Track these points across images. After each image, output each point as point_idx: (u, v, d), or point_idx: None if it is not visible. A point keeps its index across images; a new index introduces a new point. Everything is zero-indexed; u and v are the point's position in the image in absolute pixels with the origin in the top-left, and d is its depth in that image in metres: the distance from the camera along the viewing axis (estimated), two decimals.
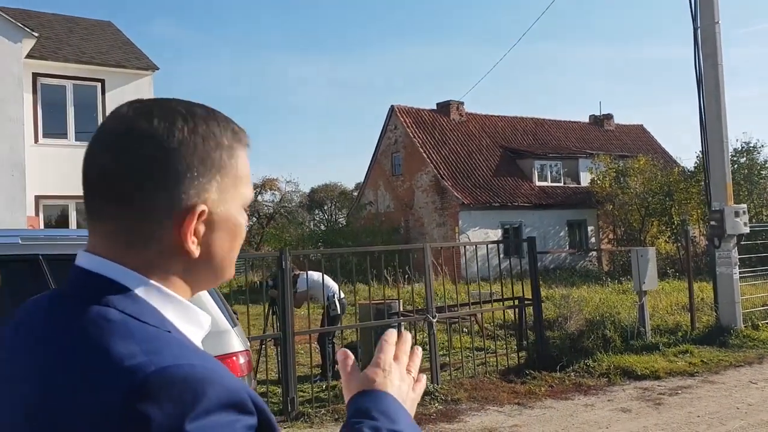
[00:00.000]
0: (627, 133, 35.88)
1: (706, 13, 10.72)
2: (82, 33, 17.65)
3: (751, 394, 7.35)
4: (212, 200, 0.87)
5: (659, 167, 27.09)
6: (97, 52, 16.66)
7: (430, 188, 27.83)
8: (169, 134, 0.84)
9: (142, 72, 16.68)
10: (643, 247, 11.00)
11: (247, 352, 4.06)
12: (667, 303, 12.96)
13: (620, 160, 28.89)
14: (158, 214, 0.84)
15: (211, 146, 0.87)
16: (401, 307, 9.31)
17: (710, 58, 10.68)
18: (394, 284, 11.27)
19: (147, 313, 0.82)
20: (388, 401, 0.97)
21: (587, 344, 9.16)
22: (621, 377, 8.18)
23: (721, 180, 10.59)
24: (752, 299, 11.50)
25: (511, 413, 6.94)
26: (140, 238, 0.85)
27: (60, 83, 15.75)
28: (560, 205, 28.45)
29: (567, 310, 10.37)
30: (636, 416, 6.68)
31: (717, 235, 10.53)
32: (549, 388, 7.82)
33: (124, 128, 0.85)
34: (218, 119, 0.91)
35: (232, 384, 0.76)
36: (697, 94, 10.80)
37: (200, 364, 0.75)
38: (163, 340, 0.78)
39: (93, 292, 0.83)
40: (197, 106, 0.91)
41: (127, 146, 0.84)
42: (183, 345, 0.79)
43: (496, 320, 10.58)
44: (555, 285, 17.30)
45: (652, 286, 10.28)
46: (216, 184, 0.87)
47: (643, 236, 25.60)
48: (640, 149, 32.43)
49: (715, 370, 8.50)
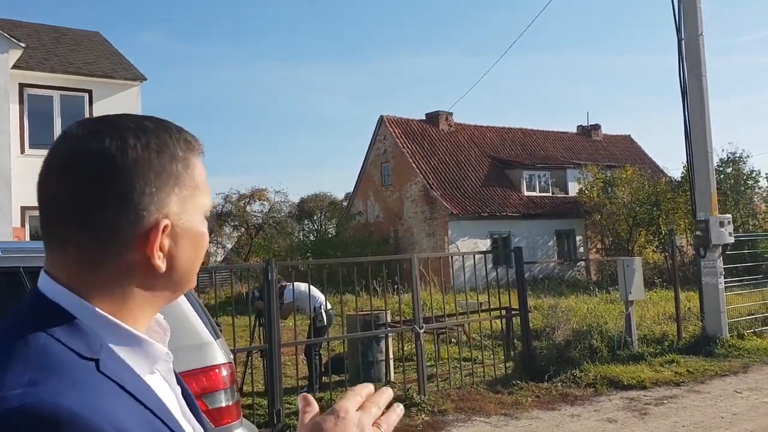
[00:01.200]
0: (615, 143, 36.14)
1: (690, 25, 10.84)
2: (69, 43, 17.62)
3: (736, 403, 7.38)
4: (173, 213, 0.87)
5: (647, 177, 27.29)
6: (84, 63, 16.63)
7: (420, 198, 27.89)
8: (122, 152, 0.84)
9: (130, 83, 16.66)
10: (629, 257, 11.06)
11: (230, 364, 4.04)
12: (654, 313, 13.02)
13: (608, 170, 29.08)
14: (118, 234, 0.83)
15: (165, 159, 0.87)
16: (389, 318, 9.30)
17: (694, 69, 10.80)
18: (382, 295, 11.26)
19: (78, 339, 0.80)
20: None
21: (574, 354, 9.18)
22: (607, 387, 8.20)
23: (706, 190, 10.68)
24: (738, 308, 11.57)
25: (497, 424, 6.93)
26: (99, 258, 0.84)
27: (47, 93, 15.70)
28: (548, 215, 28.57)
29: (554, 320, 10.39)
30: (622, 426, 6.70)
31: (702, 244, 10.61)
32: (536, 398, 7.82)
33: (75, 149, 0.85)
34: (170, 130, 0.90)
35: (101, 429, 0.72)
36: (682, 106, 10.91)
37: (67, 405, 0.71)
38: (62, 372, 0.75)
39: (34, 315, 0.82)
40: (147, 120, 0.90)
41: (81, 167, 0.83)
42: (80, 381, 0.75)
43: (484, 330, 10.57)
44: (543, 295, 17.32)
45: (639, 296, 10.32)
46: (175, 196, 0.87)
47: (631, 246, 25.74)
48: (628, 159, 32.66)
49: (700, 379, 8.53)
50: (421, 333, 8.06)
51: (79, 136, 0.86)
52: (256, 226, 35.35)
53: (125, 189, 0.83)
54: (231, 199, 34.72)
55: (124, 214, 0.83)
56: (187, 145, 0.91)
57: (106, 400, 0.75)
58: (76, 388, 0.74)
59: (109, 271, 0.85)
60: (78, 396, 0.73)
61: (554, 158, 32.11)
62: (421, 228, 27.72)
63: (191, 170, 0.90)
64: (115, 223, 0.83)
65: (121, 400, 0.78)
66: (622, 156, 34.29)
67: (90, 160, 0.83)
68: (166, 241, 0.86)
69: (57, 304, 0.83)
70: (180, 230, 0.88)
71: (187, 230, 0.89)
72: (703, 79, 10.76)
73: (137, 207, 0.84)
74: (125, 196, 0.83)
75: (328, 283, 9.15)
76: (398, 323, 9.09)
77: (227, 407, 3.77)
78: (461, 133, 31.22)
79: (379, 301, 12.51)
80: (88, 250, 0.84)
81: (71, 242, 0.84)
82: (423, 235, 27.52)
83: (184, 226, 0.89)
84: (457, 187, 28.16)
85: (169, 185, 0.87)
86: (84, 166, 0.83)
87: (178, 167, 0.89)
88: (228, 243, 37.34)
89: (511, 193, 29.11)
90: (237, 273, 18.70)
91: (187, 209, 0.89)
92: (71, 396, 0.73)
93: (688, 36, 10.84)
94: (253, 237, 35.06)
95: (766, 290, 13.06)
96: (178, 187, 0.88)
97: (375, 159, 30.58)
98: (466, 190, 28.22)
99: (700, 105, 10.73)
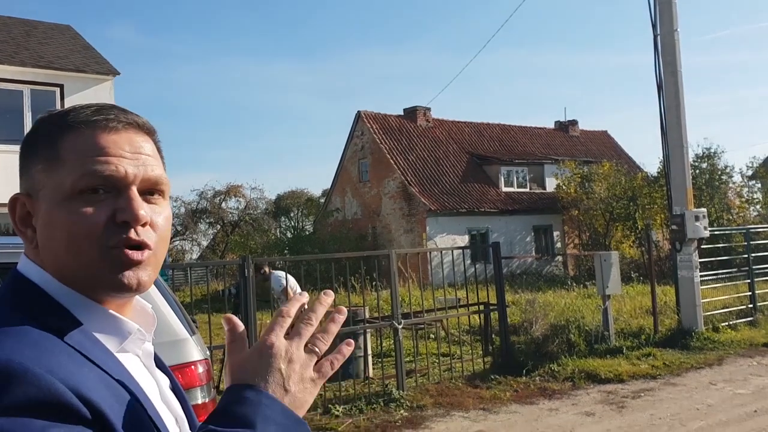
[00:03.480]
0: (592, 139, 36.43)
1: (665, 21, 10.91)
2: (40, 37, 17.27)
3: (710, 395, 7.45)
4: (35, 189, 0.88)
5: (623, 173, 27.52)
6: (55, 57, 16.31)
7: (398, 195, 27.85)
8: (31, 133, 0.92)
9: (103, 77, 16.37)
10: (606, 252, 11.11)
11: (206, 361, 3.97)
12: (631, 307, 13.12)
13: (585, 165, 29.28)
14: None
15: (38, 138, 0.90)
16: (367, 314, 9.25)
17: (670, 65, 10.87)
18: (360, 291, 11.21)
19: (49, 313, 0.82)
20: (256, 403, 0.80)
21: (552, 349, 9.21)
22: (585, 381, 8.23)
23: (682, 185, 10.77)
24: (713, 302, 11.70)
25: (476, 418, 6.92)
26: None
27: (17, 88, 15.36)
28: (526, 211, 28.70)
29: (532, 315, 10.42)
30: (600, 419, 6.72)
31: (678, 239, 10.70)
32: (514, 392, 7.82)
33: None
34: (63, 112, 0.91)
35: (53, 384, 0.71)
36: (658, 101, 10.98)
37: (19, 361, 0.71)
38: (20, 336, 0.76)
39: (6, 291, 0.86)
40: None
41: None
42: (37, 342, 0.76)
43: (462, 326, 10.57)
44: (521, 290, 17.39)
45: (616, 291, 10.38)
46: (39, 174, 0.89)
47: (608, 241, 25.95)
48: (605, 155, 32.95)
49: (676, 372, 8.60)
50: (400, 329, 8.03)
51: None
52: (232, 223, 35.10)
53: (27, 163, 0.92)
54: (206, 196, 34.43)
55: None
56: (61, 118, 0.90)
57: (63, 362, 0.75)
58: (31, 347, 0.75)
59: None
60: (32, 354, 0.73)
61: (532, 154, 32.27)
62: (399, 224, 27.69)
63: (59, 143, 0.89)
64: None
65: (81, 367, 0.76)
66: (599, 151, 34.59)
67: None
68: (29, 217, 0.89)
69: (28, 279, 0.85)
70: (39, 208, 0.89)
71: (46, 211, 0.88)
72: (678, 74, 10.84)
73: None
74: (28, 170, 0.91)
75: (306, 280, 9.07)
76: (377, 319, 9.04)
77: (203, 404, 3.70)
78: (439, 129, 31.23)
79: (357, 297, 12.45)
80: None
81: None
82: (401, 231, 27.50)
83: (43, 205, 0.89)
84: (435, 183, 28.17)
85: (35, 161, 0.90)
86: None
87: (43, 143, 0.90)
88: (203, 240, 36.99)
89: (489, 189, 29.20)
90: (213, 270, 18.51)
91: (47, 185, 0.87)
92: (25, 354, 0.73)
93: (663, 32, 10.91)
94: (229, 234, 34.81)
95: (740, 284, 13.23)
96: (42, 163, 0.89)
97: (352, 155, 30.48)
98: (444, 186, 28.24)
99: (675, 100, 10.81)
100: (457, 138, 31.43)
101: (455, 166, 29.60)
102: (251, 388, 0.82)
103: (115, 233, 0.84)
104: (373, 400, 7.42)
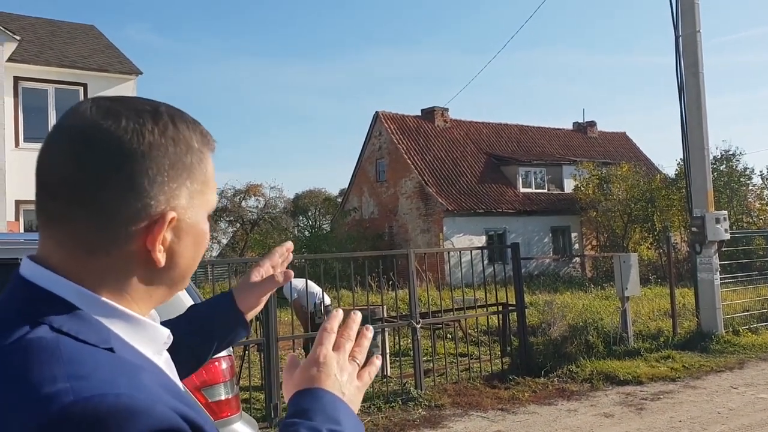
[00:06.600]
0: (610, 140, 36.20)
1: (687, 22, 10.84)
2: (64, 37, 17.53)
3: (732, 399, 7.40)
4: (181, 207, 0.83)
5: (641, 174, 27.36)
6: (79, 56, 16.54)
7: (415, 194, 27.86)
8: (138, 136, 0.80)
9: (125, 76, 16.59)
10: (625, 254, 11.07)
11: (229, 357, 4.02)
12: (650, 309, 13.05)
13: (603, 167, 29.13)
14: (124, 221, 0.79)
15: (182, 150, 0.83)
16: (385, 313, 9.29)
17: (691, 67, 10.80)
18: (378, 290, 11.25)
19: (87, 329, 0.76)
20: (326, 399, 0.90)
21: (570, 350, 9.20)
22: (604, 382, 8.21)
23: (702, 187, 10.69)
24: (733, 305, 11.61)
25: (494, 419, 6.94)
26: (101, 245, 0.79)
27: (42, 87, 15.62)
28: (544, 212, 28.60)
29: (550, 316, 10.41)
30: (618, 421, 6.71)
31: (698, 241, 10.63)
32: (532, 393, 7.83)
33: (89, 126, 0.80)
34: (187, 121, 0.86)
35: (163, 412, 0.70)
36: (679, 103, 10.91)
37: (126, 393, 0.68)
38: (95, 362, 0.71)
39: (26, 306, 0.77)
40: (164, 106, 0.86)
41: (94, 147, 0.78)
42: (117, 367, 0.72)
43: (480, 326, 10.58)
44: (539, 291, 17.36)
45: (634, 292, 10.34)
46: (186, 189, 0.84)
47: (626, 243, 25.80)
48: (623, 156, 32.74)
49: (696, 375, 8.55)
50: (418, 328, 8.06)
51: (92, 113, 0.81)
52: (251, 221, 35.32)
53: (137, 174, 0.79)
54: (226, 195, 34.70)
55: (132, 200, 0.79)
56: (203, 138, 0.88)
57: (147, 382, 0.73)
58: (119, 374, 0.71)
59: (106, 260, 0.80)
60: (127, 382, 0.70)
61: (550, 155, 32.14)
62: (416, 224, 27.71)
63: (204, 165, 0.87)
64: (120, 207, 0.78)
65: (153, 382, 0.75)
66: (618, 153, 34.37)
67: (105, 141, 0.79)
68: (169, 235, 0.82)
69: (51, 292, 0.78)
70: (185, 225, 0.84)
71: (191, 226, 0.85)
72: (700, 76, 10.76)
73: (146, 195, 0.79)
74: (136, 181, 0.79)
75: (324, 278, 9.13)
76: (395, 318, 9.08)
77: (227, 400, 3.75)
78: (457, 129, 31.20)
79: (375, 296, 12.50)
80: (88, 234, 0.79)
81: (71, 223, 0.79)
82: (418, 231, 27.52)
83: (189, 222, 0.85)
84: (452, 183, 28.14)
85: (182, 177, 0.83)
86: (97, 146, 0.78)
87: (193, 160, 0.85)
88: (223, 238, 37.29)
89: (507, 190, 29.12)
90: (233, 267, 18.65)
91: (194, 204, 0.85)
92: (122, 383, 0.70)
93: (685, 33, 10.84)
94: (249, 232, 35.03)
95: (760, 287, 13.12)
96: (190, 180, 0.84)
97: (370, 155, 30.54)
98: (462, 186, 28.21)
99: (696, 101, 10.74)
100: (475, 138, 31.38)
101: (473, 166, 29.55)
102: (320, 390, 0.92)
103: None
104: (392, 399, 7.46)
